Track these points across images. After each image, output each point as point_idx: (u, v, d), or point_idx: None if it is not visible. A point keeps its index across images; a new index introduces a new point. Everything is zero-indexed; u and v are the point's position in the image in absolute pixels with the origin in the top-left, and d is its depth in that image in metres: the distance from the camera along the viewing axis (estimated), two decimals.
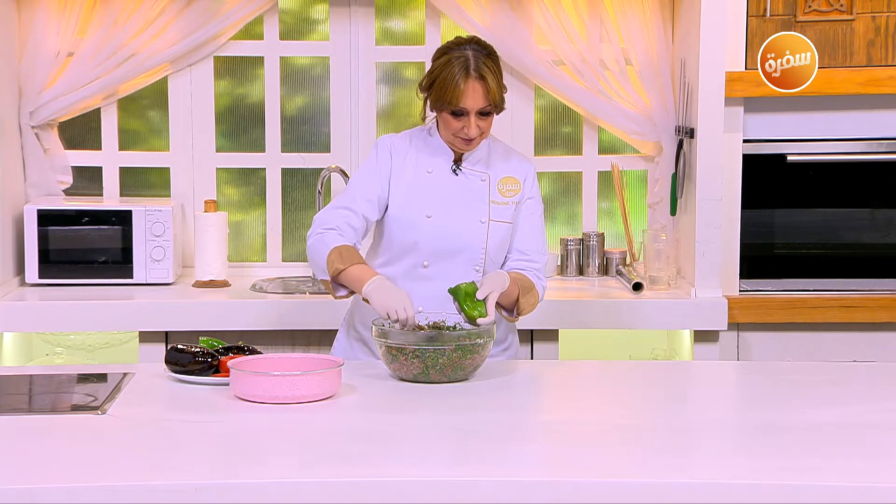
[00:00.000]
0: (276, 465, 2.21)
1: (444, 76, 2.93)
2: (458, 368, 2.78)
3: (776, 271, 4.03)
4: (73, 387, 2.80)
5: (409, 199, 3.02)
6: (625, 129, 4.16)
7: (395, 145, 3.07)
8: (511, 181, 3.08)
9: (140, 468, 2.19)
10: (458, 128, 2.96)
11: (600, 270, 4.19)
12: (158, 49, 4.07)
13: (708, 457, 2.35)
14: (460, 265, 3.02)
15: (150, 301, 3.77)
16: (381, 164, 3.05)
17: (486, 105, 2.94)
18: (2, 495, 2.07)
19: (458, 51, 2.94)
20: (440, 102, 2.95)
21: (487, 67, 2.93)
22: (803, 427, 2.46)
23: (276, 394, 2.58)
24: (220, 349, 2.84)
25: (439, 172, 3.05)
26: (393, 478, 2.15)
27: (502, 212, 3.06)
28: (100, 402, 2.57)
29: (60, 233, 3.91)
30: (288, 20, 4.27)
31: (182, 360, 2.78)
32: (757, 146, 3.96)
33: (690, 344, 3.88)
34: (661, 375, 3.02)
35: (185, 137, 4.22)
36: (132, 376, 2.80)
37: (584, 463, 2.24)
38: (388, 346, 2.78)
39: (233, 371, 2.64)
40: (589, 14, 4.12)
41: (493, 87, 2.93)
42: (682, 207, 4.04)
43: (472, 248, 3.03)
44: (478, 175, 3.06)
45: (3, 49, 3.86)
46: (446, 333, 2.81)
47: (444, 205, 3.02)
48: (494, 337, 2.84)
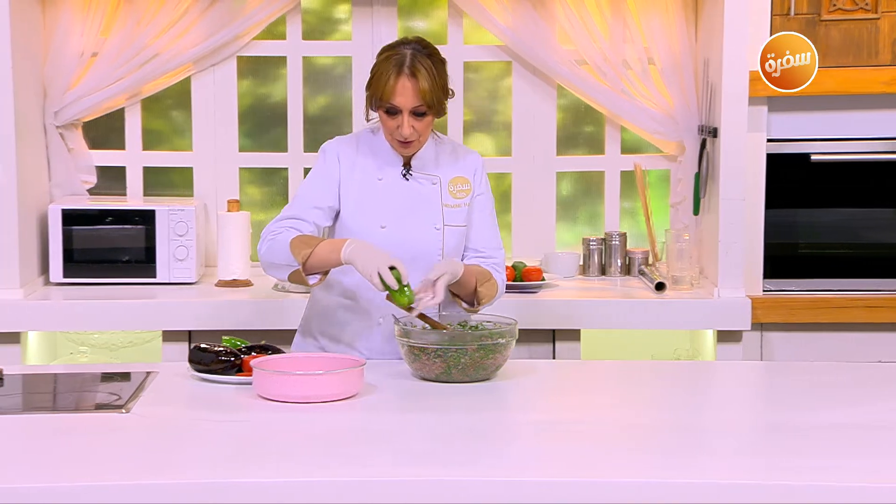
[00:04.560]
0: (294, 465, 2.22)
1: (379, 73, 2.90)
2: (480, 368, 2.78)
3: (800, 271, 4.01)
4: (97, 385, 2.81)
5: (361, 208, 2.97)
6: (647, 128, 4.14)
7: (342, 151, 3.01)
8: (461, 181, 3.05)
9: (163, 467, 2.20)
10: (393, 127, 2.92)
11: (623, 270, 4.18)
12: (182, 49, 4.09)
13: (721, 457, 2.33)
14: (416, 274, 2.92)
15: (173, 300, 3.78)
16: (329, 171, 2.99)
17: (419, 104, 2.88)
18: (27, 493, 2.08)
19: (399, 48, 2.91)
20: (374, 99, 2.92)
21: (423, 66, 2.88)
22: (825, 427, 2.44)
23: (298, 393, 2.58)
24: (243, 348, 2.84)
25: (389, 179, 3.00)
26: (408, 478, 2.15)
27: (455, 215, 3.03)
28: (124, 401, 2.58)
29: (84, 232, 3.93)
30: (310, 20, 4.27)
31: (205, 360, 2.79)
32: (781, 145, 3.94)
33: (713, 344, 3.86)
34: (682, 375, 3.01)
35: (208, 137, 4.23)
36: (155, 375, 2.82)
37: (597, 463, 2.24)
38: (409, 346, 2.78)
39: (255, 370, 2.65)
40: (612, 13, 4.11)
41: (426, 87, 2.87)
42: (706, 207, 4.03)
43: (428, 255, 2.98)
44: (428, 179, 3.02)
45: (28, 50, 3.88)
46: (468, 333, 2.81)
47: (397, 214, 2.98)
48: (517, 337, 2.84)
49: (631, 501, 2.12)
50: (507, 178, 4.31)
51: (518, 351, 3.12)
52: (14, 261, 3.73)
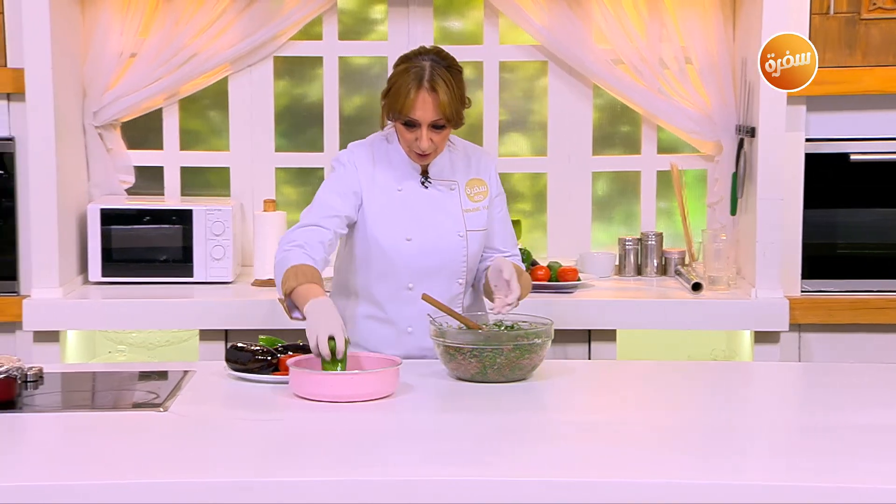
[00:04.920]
0: (329, 464, 2.23)
1: (399, 85, 2.88)
2: (516, 368, 2.78)
3: (838, 271, 3.98)
4: (135, 384, 2.83)
5: (385, 222, 2.96)
6: (684, 128, 4.12)
7: (359, 162, 2.99)
8: (477, 183, 3.05)
9: (201, 465, 2.22)
10: (411, 139, 2.91)
11: (659, 270, 4.16)
12: (219, 49, 4.11)
13: (758, 458, 2.33)
14: (443, 281, 2.97)
15: (209, 299, 3.80)
16: (348, 181, 2.97)
17: (438, 118, 2.87)
18: (66, 490, 2.10)
19: (417, 60, 2.89)
20: (393, 112, 2.91)
21: (443, 80, 2.86)
22: (863, 429, 2.42)
23: (334, 392, 2.59)
24: (280, 348, 2.86)
25: (409, 189, 2.99)
26: (443, 477, 2.15)
27: (475, 219, 3.03)
28: (161, 400, 2.60)
29: (122, 232, 3.96)
30: (347, 20, 4.29)
31: (242, 359, 2.80)
32: (819, 145, 3.91)
33: (750, 345, 3.84)
34: (719, 376, 2.99)
35: (244, 137, 4.25)
36: (193, 374, 2.83)
37: (633, 463, 2.23)
38: (445, 346, 2.78)
39: (292, 370, 2.66)
40: (649, 12, 4.09)
41: (446, 101, 2.86)
42: (743, 207, 4.00)
43: (454, 262, 2.99)
44: (446, 185, 3.02)
45: (68, 50, 3.92)
46: (504, 333, 2.80)
47: (420, 224, 2.97)
48: (553, 337, 2.83)
49: (667, 502, 2.11)
50: (543, 177, 4.30)
51: (553, 351, 3.11)
52: (53, 260, 3.76)
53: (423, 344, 2.94)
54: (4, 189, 3.88)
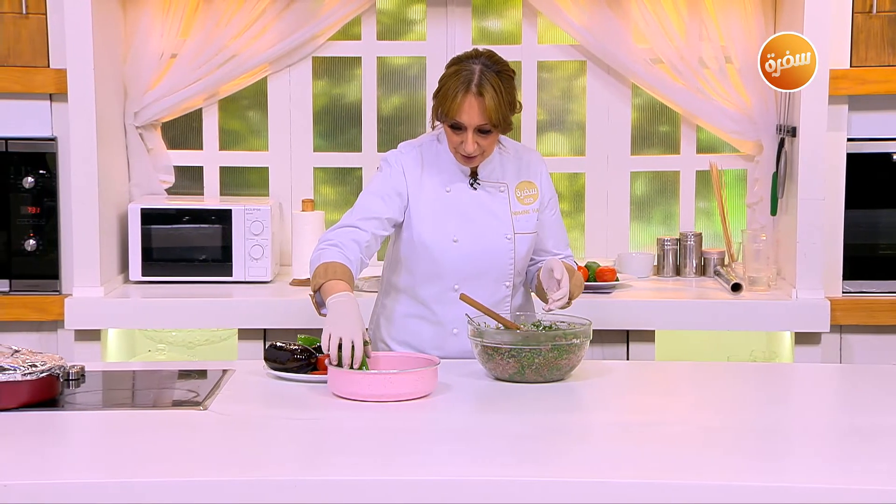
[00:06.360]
0: (367, 464, 2.23)
1: (447, 87, 2.87)
2: (555, 368, 2.77)
3: (880, 272, 3.94)
4: (175, 383, 2.85)
5: (432, 223, 2.96)
6: (724, 128, 4.10)
7: (407, 164, 2.98)
8: (527, 186, 3.03)
9: (241, 463, 2.23)
10: (458, 142, 2.90)
11: (698, 271, 4.13)
12: (258, 50, 4.13)
13: (799, 459, 2.31)
14: (489, 284, 2.96)
15: (248, 299, 3.82)
16: (394, 183, 2.96)
17: (484, 123, 2.85)
18: (106, 489, 2.12)
19: (468, 63, 2.88)
20: (440, 113, 2.90)
21: (491, 85, 2.84)
22: None
23: (372, 392, 2.60)
24: (318, 347, 2.86)
25: (457, 190, 2.98)
26: (482, 477, 2.15)
27: (524, 222, 3.01)
28: (201, 398, 2.62)
29: (163, 231, 3.99)
30: (385, 20, 4.29)
31: (281, 358, 2.81)
32: (861, 145, 3.88)
33: (791, 346, 3.81)
34: (758, 377, 2.97)
35: (283, 137, 4.27)
36: (232, 373, 2.85)
37: (673, 464, 2.22)
38: (483, 346, 2.78)
39: (330, 369, 2.66)
40: (688, 12, 4.07)
41: (493, 106, 2.83)
42: (783, 207, 3.97)
43: (501, 265, 2.99)
44: (496, 186, 3.01)
45: (110, 51, 3.95)
46: (542, 333, 2.80)
47: (468, 226, 2.96)
48: (591, 337, 2.83)
49: (707, 502, 2.10)
50: (581, 177, 4.29)
51: (592, 352, 3.10)
52: (95, 259, 3.80)
53: (468, 347, 2.93)
54: (47, 189, 3.92)
